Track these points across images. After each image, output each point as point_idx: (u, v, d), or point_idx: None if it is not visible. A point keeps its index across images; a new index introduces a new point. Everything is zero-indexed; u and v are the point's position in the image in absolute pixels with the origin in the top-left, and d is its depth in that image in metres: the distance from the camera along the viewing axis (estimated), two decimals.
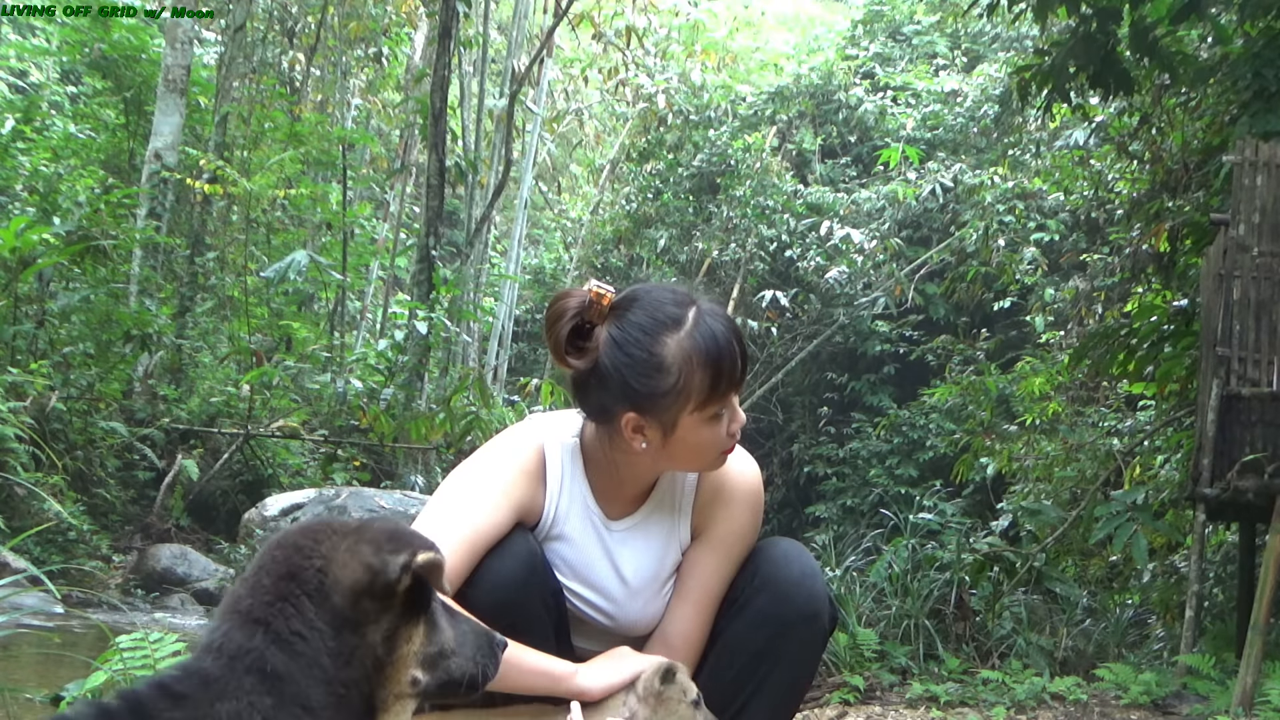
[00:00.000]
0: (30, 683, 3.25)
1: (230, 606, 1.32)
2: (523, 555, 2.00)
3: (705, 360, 1.93)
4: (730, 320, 2.01)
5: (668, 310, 1.95)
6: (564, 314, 1.97)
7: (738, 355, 1.97)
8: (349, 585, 1.32)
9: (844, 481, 15.40)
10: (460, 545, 1.95)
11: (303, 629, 1.29)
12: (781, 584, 2.08)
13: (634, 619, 2.11)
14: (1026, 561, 6.28)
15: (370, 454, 10.53)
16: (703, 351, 1.93)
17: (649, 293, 2.00)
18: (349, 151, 14.14)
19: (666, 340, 1.93)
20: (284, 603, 1.30)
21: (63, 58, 14.09)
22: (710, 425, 1.97)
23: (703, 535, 2.11)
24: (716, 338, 1.94)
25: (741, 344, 1.99)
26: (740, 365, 1.98)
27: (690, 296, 2.00)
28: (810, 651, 2.12)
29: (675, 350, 1.93)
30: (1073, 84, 7.31)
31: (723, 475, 2.11)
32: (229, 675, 1.24)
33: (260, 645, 1.27)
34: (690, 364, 1.93)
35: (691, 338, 1.94)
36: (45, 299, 8.91)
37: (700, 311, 1.96)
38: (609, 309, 1.97)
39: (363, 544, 1.35)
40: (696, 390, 1.94)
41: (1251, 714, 4.10)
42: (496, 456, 2.06)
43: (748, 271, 16.44)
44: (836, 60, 18.21)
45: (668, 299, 1.98)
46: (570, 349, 1.98)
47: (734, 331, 1.99)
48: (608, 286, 2.01)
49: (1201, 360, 5.74)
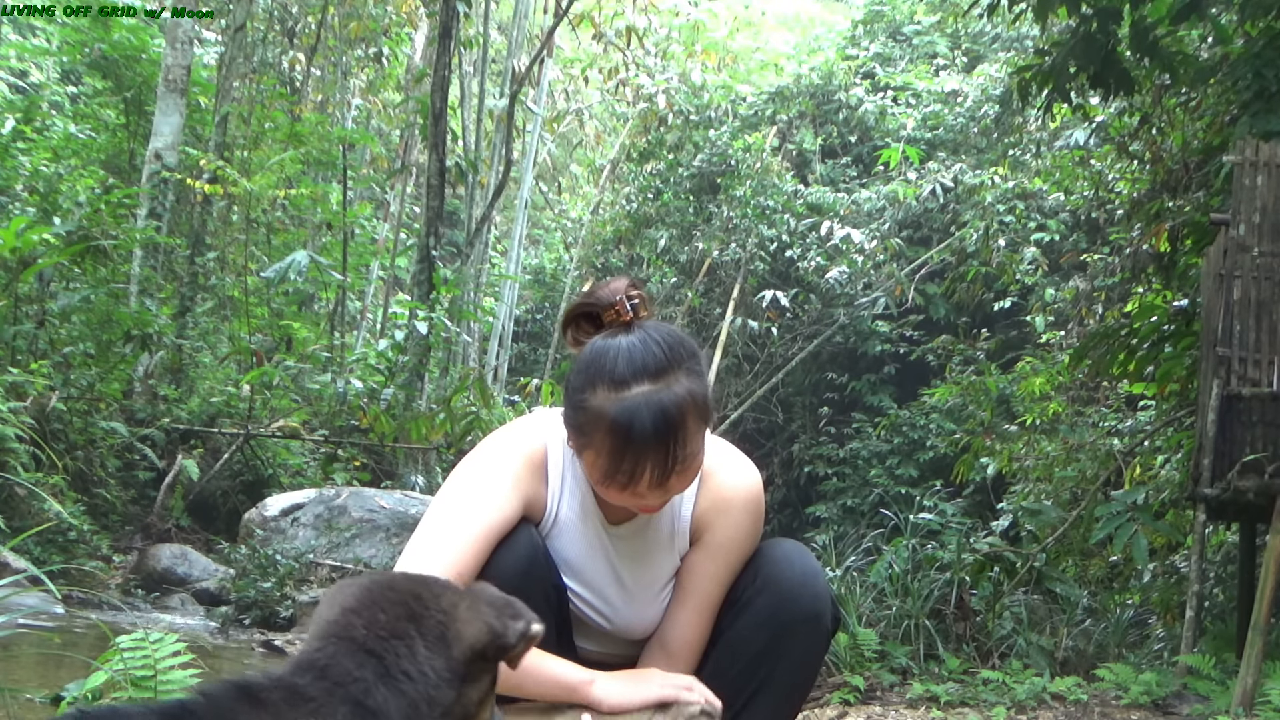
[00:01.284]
0: (30, 683, 3.25)
1: (338, 632, 1.32)
2: (525, 547, 1.99)
3: (611, 441, 1.83)
4: (670, 423, 1.81)
5: (624, 368, 1.83)
6: (590, 296, 1.96)
7: (648, 461, 1.82)
8: (469, 642, 1.36)
9: (844, 481, 15.39)
10: (475, 541, 1.94)
11: (413, 670, 1.31)
12: (784, 585, 2.06)
13: (630, 622, 2.10)
14: (1027, 562, 6.28)
15: (370, 454, 10.53)
16: (609, 431, 1.82)
17: (643, 340, 1.86)
18: (349, 151, 14.14)
19: (598, 391, 1.84)
20: (401, 642, 1.32)
21: (63, 58, 14.09)
22: (611, 492, 1.90)
23: (701, 541, 2.09)
24: (630, 429, 1.80)
25: (668, 449, 1.81)
26: (652, 471, 1.82)
27: (667, 368, 1.84)
28: (812, 653, 2.10)
29: (596, 407, 1.84)
30: (1073, 84, 7.30)
31: (722, 483, 2.09)
32: (325, 698, 1.25)
33: (369, 677, 1.28)
34: (600, 430, 1.84)
35: (613, 411, 1.82)
36: (45, 299, 8.91)
37: (647, 394, 1.81)
38: (618, 320, 1.92)
39: (483, 605, 1.41)
40: (600, 458, 1.86)
41: (1252, 714, 4.10)
42: (503, 449, 2.05)
43: (748, 271, 16.44)
44: (837, 60, 18.21)
45: (645, 358, 1.84)
46: (574, 329, 1.96)
47: (664, 434, 1.81)
48: (637, 297, 1.93)
49: (1202, 360, 5.74)
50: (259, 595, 6.86)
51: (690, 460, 1.88)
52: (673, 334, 1.91)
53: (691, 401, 1.84)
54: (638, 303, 1.93)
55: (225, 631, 6.46)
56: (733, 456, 2.13)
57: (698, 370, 1.89)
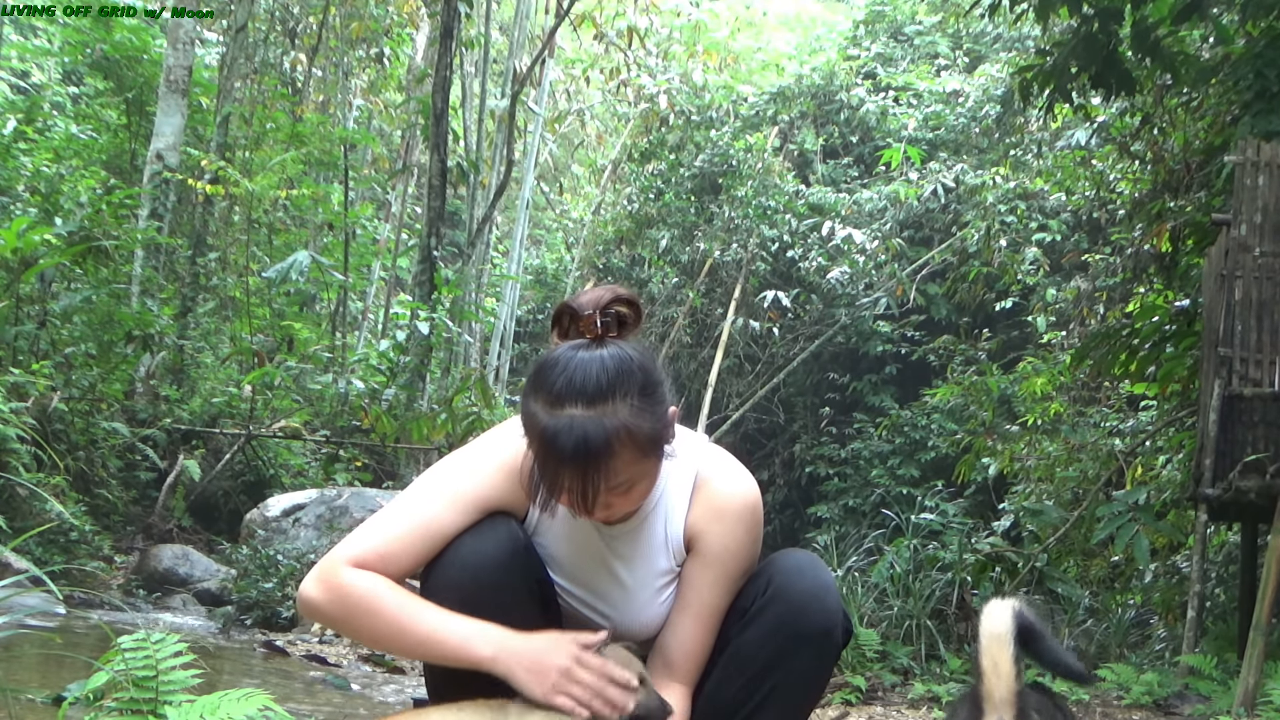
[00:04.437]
0: (32, 683, 3.25)
1: None
2: (504, 538, 1.99)
3: (537, 451, 1.85)
4: (589, 451, 1.80)
5: (562, 386, 1.83)
6: (575, 300, 1.96)
7: (565, 480, 1.83)
8: None
9: (846, 482, 15.39)
10: (412, 532, 1.98)
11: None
12: (795, 596, 2.04)
13: (631, 620, 2.10)
14: (1028, 562, 6.28)
15: (372, 454, 10.53)
16: (537, 441, 1.84)
17: (595, 362, 1.84)
18: (351, 152, 14.14)
19: (538, 400, 1.85)
20: None
21: (64, 58, 14.09)
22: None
23: (697, 550, 2.07)
24: (551, 446, 1.81)
25: (586, 475, 1.81)
26: (571, 491, 1.84)
27: (604, 396, 1.82)
28: (821, 667, 2.09)
29: (532, 414, 1.85)
30: (1074, 84, 7.31)
31: (716, 490, 2.07)
32: None
33: None
34: (532, 436, 1.86)
35: (541, 423, 1.83)
36: (47, 299, 8.91)
37: (574, 418, 1.80)
38: (587, 332, 1.91)
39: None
40: (533, 462, 1.88)
41: (1253, 714, 4.10)
42: (487, 448, 2.06)
43: (749, 272, 16.44)
44: (838, 60, 18.21)
45: (584, 381, 1.83)
46: (559, 326, 1.96)
47: (582, 460, 1.80)
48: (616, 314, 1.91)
49: (1203, 360, 5.74)
50: (260, 596, 6.85)
51: (627, 486, 1.88)
52: (627, 362, 1.86)
53: (626, 434, 1.82)
54: (611, 320, 1.91)
55: (227, 632, 6.46)
56: (728, 465, 2.11)
57: (646, 404, 1.86)
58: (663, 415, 1.90)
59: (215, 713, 2.10)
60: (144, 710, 2.19)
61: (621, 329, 1.93)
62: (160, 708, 2.18)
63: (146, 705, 2.19)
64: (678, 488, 2.08)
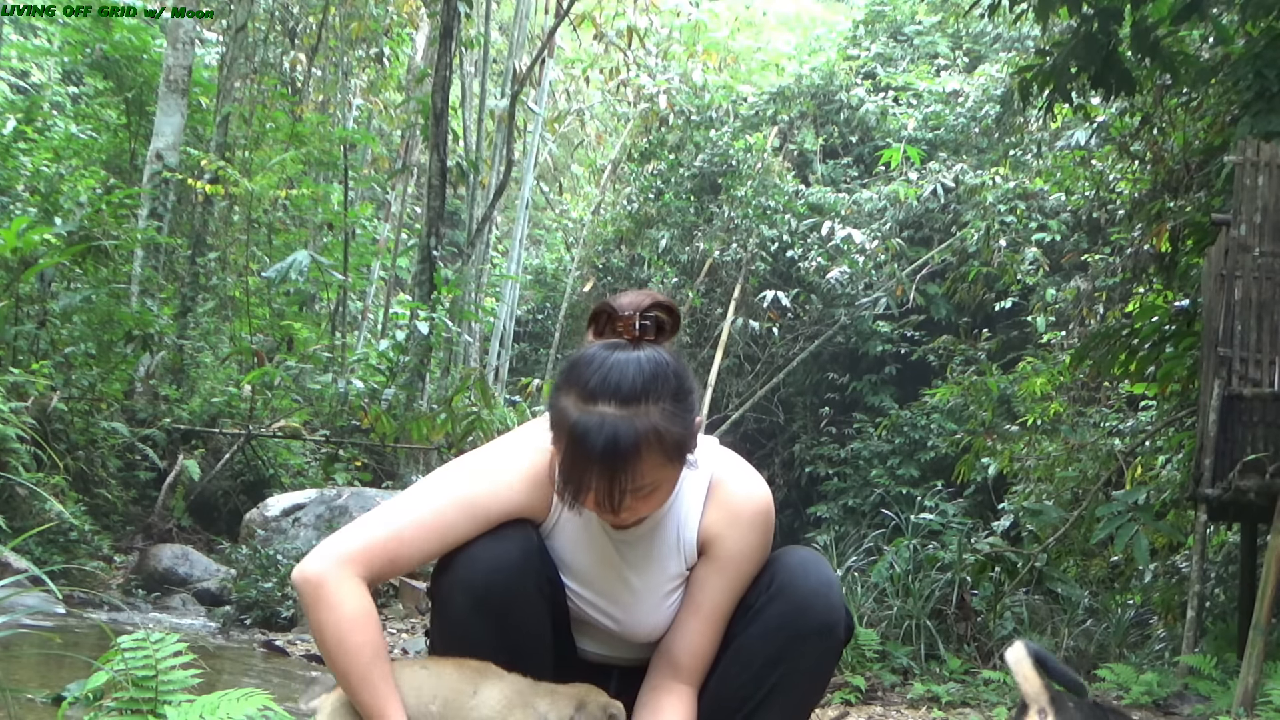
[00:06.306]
0: (31, 683, 3.25)
1: None
2: (519, 541, 2.00)
3: (566, 448, 1.85)
4: (619, 451, 1.81)
5: (596, 384, 1.83)
6: (615, 300, 1.96)
7: (592, 479, 1.83)
8: None
9: (845, 482, 15.40)
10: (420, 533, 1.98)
11: None
12: (799, 593, 2.05)
13: (638, 624, 2.10)
14: (1028, 562, 6.28)
15: (372, 454, 10.53)
16: (567, 437, 1.84)
17: (631, 363, 1.85)
18: (350, 152, 14.13)
19: (570, 395, 1.85)
20: None
21: (64, 58, 14.08)
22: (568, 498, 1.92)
23: (709, 553, 2.07)
24: (581, 443, 1.81)
25: (613, 476, 1.82)
26: (597, 491, 1.84)
27: (637, 398, 1.83)
28: (824, 663, 2.10)
29: (563, 409, 1.85)
30: (1074, 84, 7.31)
31: (732, 494, 2.08)
32: None
33: None
34: (562, 433, 1.86)
35: (573, 419, 1.83)
36: (47, 299, 8.90)
37: (607, 416, 1.81)
38: (625, 334, 1.92)
39: None
40: (559, 460, 1.88)
41: (1253, 714, 4.10)
42: (507, 451, 2.06)
43: (749, 272, 16.44)
44: (838, 60, 18.21)
45: (620, 381, 1.83)
46: (595, 325, 1.97)
47: (610, 460, 1.81)
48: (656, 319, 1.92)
49: (1203, 360, 5.74)
50: (260, 595, 6.85)
51: (650, 490, 1.88)
52: (663, 366, 1.87)
53: (655, 437, 1.82)
54: (650, 324, 1.92)
55: (226, 632, 6.46)
56: (742, 470, 2.12)
57: (677, 410, 1.86)
58: (691, 423, 1.91)
59: (215, 712, 2.10)
60: (143, 710, 2.19)
61: (659, 334, 1.94)
62: (160, 707, 2.18)
63: (146, 705, 2.19)
64: (692, 491, 2.08)
